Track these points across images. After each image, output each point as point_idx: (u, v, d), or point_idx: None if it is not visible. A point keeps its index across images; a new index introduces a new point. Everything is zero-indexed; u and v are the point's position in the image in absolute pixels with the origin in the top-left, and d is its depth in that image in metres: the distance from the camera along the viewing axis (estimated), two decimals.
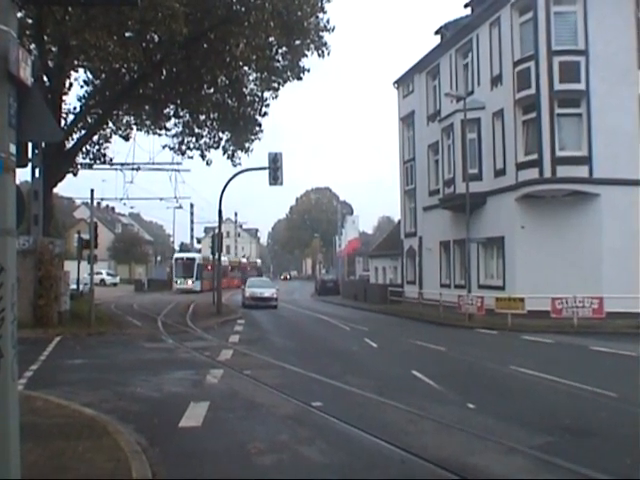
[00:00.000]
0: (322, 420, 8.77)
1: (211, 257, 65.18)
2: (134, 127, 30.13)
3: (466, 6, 34.67)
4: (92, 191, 22.43)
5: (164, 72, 25.22)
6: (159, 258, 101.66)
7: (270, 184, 28.06)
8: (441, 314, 27.78)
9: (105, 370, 13.26)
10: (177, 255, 64.32)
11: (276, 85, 26.50)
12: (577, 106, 25.50)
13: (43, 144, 20.20)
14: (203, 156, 29.21)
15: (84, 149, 27.62)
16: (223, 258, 66.41)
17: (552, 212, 25.80)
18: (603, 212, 25.08)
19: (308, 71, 25.77)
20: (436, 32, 37.55)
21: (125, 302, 39.02)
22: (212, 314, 28.80)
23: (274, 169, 27.88)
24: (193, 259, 60.47)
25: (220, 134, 28.79)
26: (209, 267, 61.45)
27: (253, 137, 28.47)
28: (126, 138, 30.21)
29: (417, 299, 33.08)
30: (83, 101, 26.26)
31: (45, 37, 22.04)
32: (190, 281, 58.77)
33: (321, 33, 24.34)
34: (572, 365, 14.51)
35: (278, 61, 25.35)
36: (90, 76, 26.30)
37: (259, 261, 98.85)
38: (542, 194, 25.94)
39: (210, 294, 52.21)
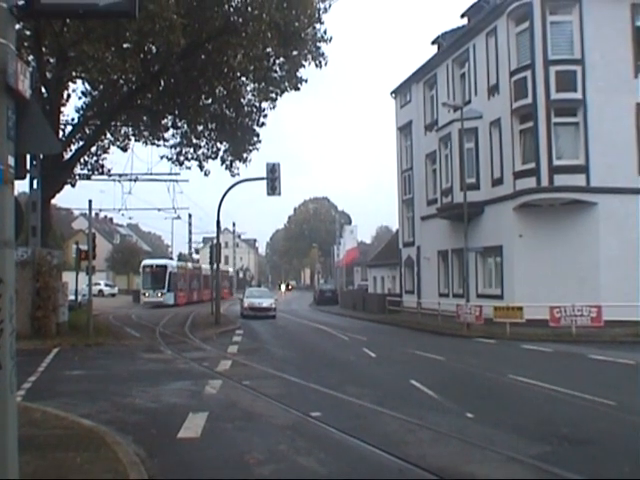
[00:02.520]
0: (321, 430, 8.76)
1: (190, 265, 62.01)
2: (132, 138, 30.23)
3: (462, 16, 34.82)
4: (90, 202, 22.47)
5: (162, 83, 25.30)
6: None
7: (268, 194, 28.16)
8: (440, 323, 27.75)
9: (103, 381, 13.25)
10: (145, 262, 55.15)
11: (274, 95, 26.56)
12: (574, 115, 25.58)
13: (41, 155, 20.26)
14: (201, 166, 29.28)
15: (82, 160, 27.69)
16: (189, 265, 61.51)
17: (550, 221, 25.83)
18: (601, 221, 25.11)
19: (306, 81, 25.87)
20: (433, 42, 37.72)
21: (123, 313, 38.96)
22: (211, 324, 28.80)
23: (272, 179, 27.96)
24: (164, 267, 52.20)
25: (218, 144, 28.85)
26: (186, 277, 57.01)
27: (251, 147, 28.54)
28: (124, 149, 30.29)
29: (416, 309, 33.03)
30: (81, 112, 26.36)
31: (43, 49, 22.14)
32: (160, 293, 50.36)
33: (318, 44, 24.49)
34: (571, 374, 14.48)
35: (275, 72, 25.45)
36: (88, 87, 26.41)
37: (231, 270, 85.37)
38: (539, 203, 25.99)
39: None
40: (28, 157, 5.80)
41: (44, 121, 5.35)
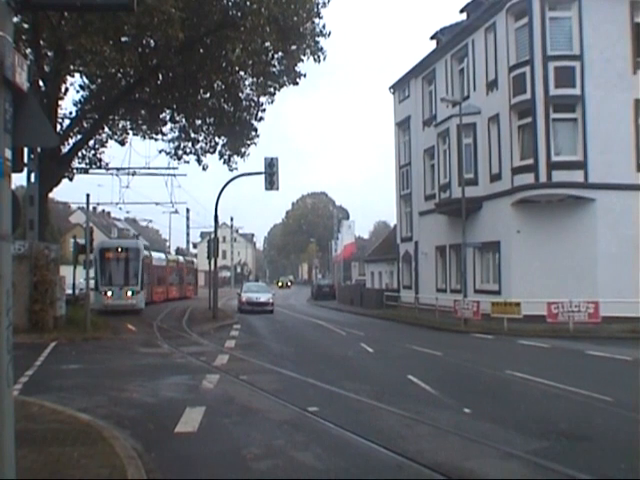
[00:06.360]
0: (318, 425, 8.76)
1: (161, 254, 46.26)
2: (130, 132, 30.15)
3: (462, 11, 34.73)
4: (88, 196, 22.41)
5: (160, 77, 25.22)
6: None
7: (266, 189, 28.17)
8: (437, 319, 27.78)
9: (101, 375, 13.24)
10: (104, 243, 37.19)
11: (272, 90, 26.50)
12: (572, 111, 25.56)
13: (39, 149, 20.21)
14: (199, 161, 29.24)
15: (80, 154, 27.63)
16: (157, 255, 44.92)
17: (548, 217, 25.83)
18: (598, 217, 25.11)
19: (304, 76, 25.78)
20: (432, 37, 37.61)
21: None
22: (208, 319, 28.78)
23: (270, 174, 27.94)
24: (136, 250, 35.26)
25: (216, 139, 28.79)
26: (154, 267, 42.01)
27: (249, 142, 28.48)
28: (122, 143, 30.25)
29: (413, 304, 33.07)
30: (79, 106, 26.30)
31: (41, 42, 22.04)
32: (130, 291, 33.60)
33: (317, 38, 24.40)
34: (568, 370, 14.50)
35: (274, 66, 25.35)
36: (86, 81, 26.34)
37: (196, 260, 65.32)
38: (537, 199, 25.98)
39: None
40: (26, 150, 5.78)
41: (41, 114, 5.33)
